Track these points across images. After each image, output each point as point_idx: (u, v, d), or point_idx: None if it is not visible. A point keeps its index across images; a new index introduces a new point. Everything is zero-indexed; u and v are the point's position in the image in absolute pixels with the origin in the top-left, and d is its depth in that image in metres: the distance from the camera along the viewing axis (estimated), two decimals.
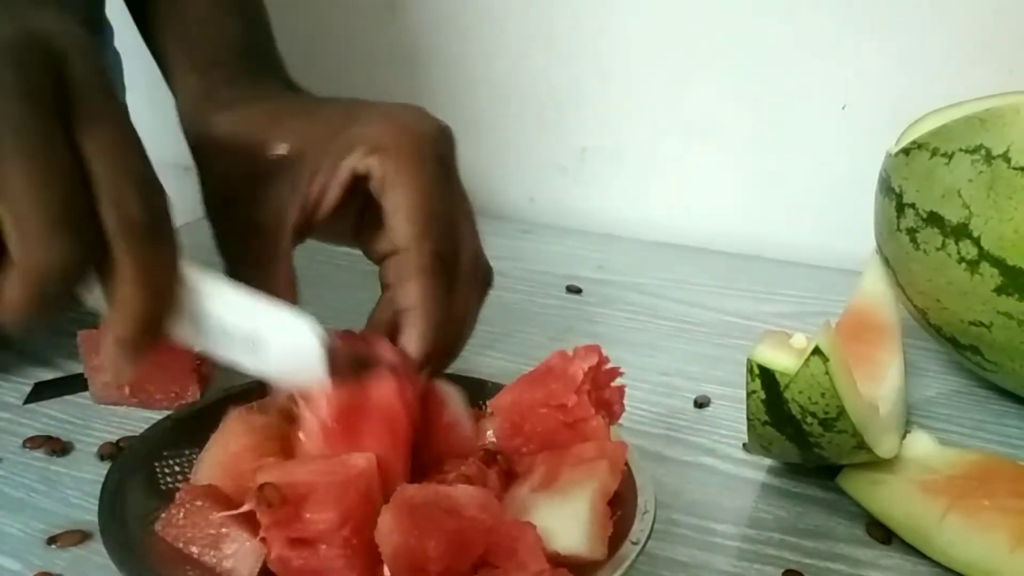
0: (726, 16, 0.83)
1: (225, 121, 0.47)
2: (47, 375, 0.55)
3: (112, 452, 0.47)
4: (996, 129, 0.52)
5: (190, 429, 0.41)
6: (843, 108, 0.82)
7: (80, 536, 0.41)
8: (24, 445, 0.48)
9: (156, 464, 0.40)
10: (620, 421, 0.42)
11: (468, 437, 0.41)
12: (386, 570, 0.33)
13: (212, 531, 0.35)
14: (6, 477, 0.45)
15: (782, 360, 0.43)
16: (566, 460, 0.39)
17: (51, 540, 0.41)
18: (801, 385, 0.42)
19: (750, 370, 0.44)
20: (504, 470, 0.40)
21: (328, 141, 0.44)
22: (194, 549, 0.35)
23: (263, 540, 0.34)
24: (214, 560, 0.35)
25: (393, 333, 0.42)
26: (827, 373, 0.41)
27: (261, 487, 0.33)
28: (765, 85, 0.84)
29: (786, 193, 0.86)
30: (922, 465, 0.47)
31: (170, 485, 0.39)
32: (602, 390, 0.42)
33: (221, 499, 0.36)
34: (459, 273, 0.44)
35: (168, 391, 0.51)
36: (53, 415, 0.51)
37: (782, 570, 0.42)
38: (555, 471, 0.39)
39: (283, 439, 0.39)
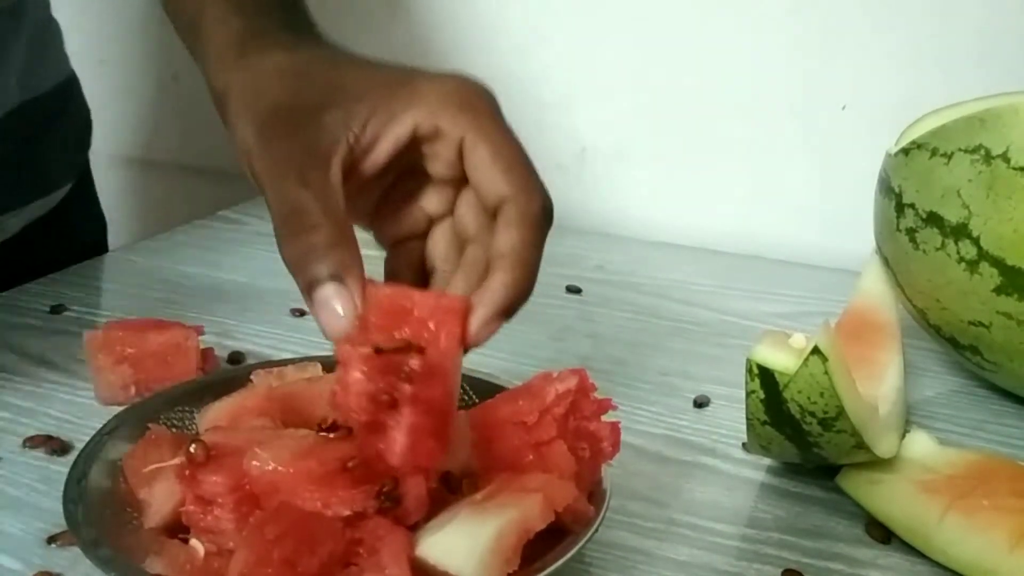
0: (726, 16, 0.83)
1: (282, 56, 0.45)
2: (50, 375, 0.55)
3: None
4: (995, 129, 0.52)
5: (196, 395, 0.45)
6: (843, 108, 0.82)
7: None
8: (24, 445, 0.48)
9: (162, 416, 0.43)
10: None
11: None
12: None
13: (151, 470, 0.38)
14: (6, 477, 0.45)
15: (781, 360, 0.43)
16: (512, 484, 0.37)
17: (51, 539, 0.41)
18: (800, 385, 0.42)
19: (749, 370, 0.44)
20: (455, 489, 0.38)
21: (388, 90, 0.43)
22: (135, 482, 0.39)
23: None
24: (144, 496, 0.38)
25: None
26: (826, 373, 0.41)
27: (191, 441, 0.36)
28: (765, 85, 0.84)
29: (786, 193, 0.86)
30: (921, 465, 0.47)
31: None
32: (588, 420, 0.40)
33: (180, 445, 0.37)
34: (547, 231, 0.43)
35: None
36: (53, 415, 0.51)
37: (781, 570, 0.42)
38: (497, 492, 0.37)
39: (293, 411, 0.40)
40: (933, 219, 0.54)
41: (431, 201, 0.45)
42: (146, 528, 0.38)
